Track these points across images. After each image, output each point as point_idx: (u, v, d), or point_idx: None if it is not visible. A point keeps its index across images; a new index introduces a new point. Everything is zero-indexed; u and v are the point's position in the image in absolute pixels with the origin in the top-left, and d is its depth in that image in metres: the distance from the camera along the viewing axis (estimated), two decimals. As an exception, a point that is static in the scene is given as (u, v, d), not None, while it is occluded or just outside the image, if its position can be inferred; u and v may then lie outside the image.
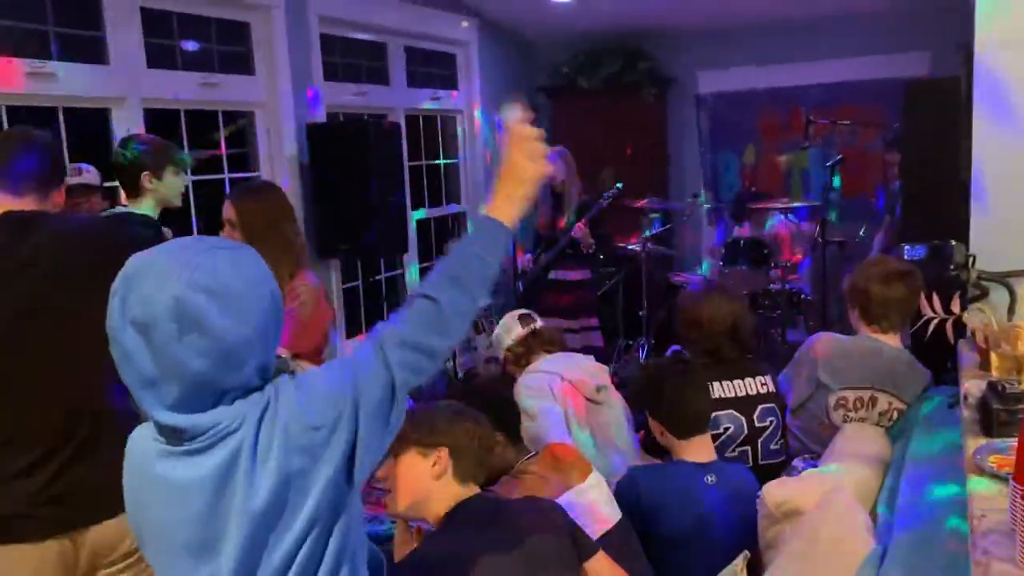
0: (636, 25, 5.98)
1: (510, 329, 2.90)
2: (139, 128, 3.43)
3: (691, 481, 2.32)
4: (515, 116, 1.45)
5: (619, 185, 4.93)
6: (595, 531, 2.05)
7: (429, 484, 1.83)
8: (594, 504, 2.14)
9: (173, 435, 1.22)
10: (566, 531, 1.87)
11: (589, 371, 2.78)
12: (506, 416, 2.31)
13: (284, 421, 1.22)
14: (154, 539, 1.30)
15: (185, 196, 3.04)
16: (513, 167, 1.41)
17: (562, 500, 2.06)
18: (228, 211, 2.78)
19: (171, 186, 2.85)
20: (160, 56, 3.64)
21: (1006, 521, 1.38)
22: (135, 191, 2.80)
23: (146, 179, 2.77)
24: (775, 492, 2.14)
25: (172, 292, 1.15)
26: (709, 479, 2.31)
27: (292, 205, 2.92)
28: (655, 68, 6.18)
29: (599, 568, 1.89)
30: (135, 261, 1.21)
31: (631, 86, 6.10)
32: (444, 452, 1.83)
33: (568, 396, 2.66)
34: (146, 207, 2.81)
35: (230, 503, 1.21)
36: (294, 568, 1.25)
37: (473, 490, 1.89)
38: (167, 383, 1.18)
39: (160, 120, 3.64)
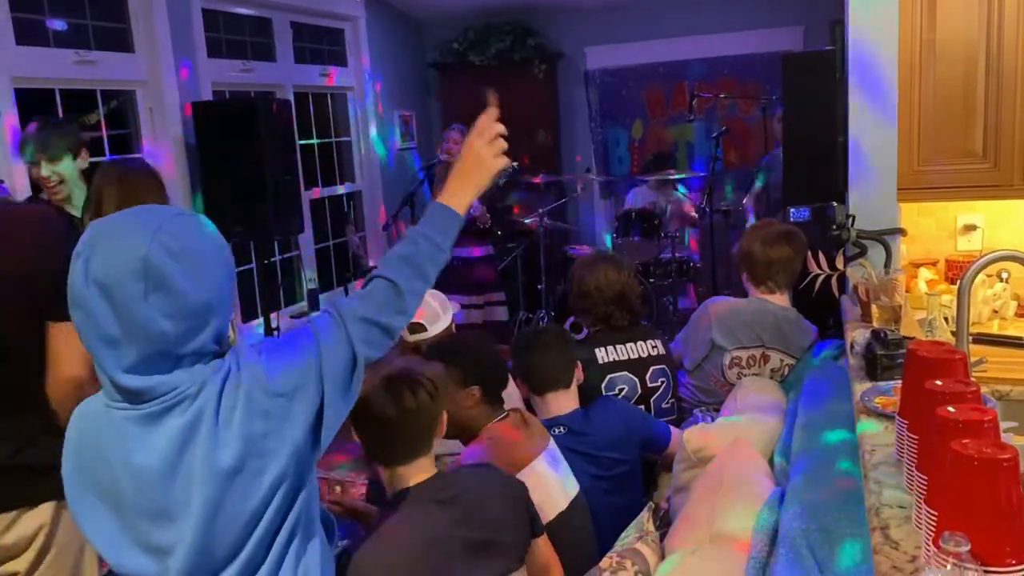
0: (524, 1, 6.02)
1: (438, 317, 2.60)
2: (10, 109, 3.23)
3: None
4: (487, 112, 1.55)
5: (515, 164, 4.97)
6: (560, 500, 2.11)
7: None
8: (556, 476, 2.17)
9: (133, 396, 1.22)
10: (524, 510, 1.89)
11: None
12: (490, 372, 2.20)
13: (247, 387, 1.24)
14: (103, 505, 1.26)
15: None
16: (475, 157, 1.55)
17: (530, 468, 2.08)
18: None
19: None
20: (30, 32, 3.43)
21: (892, 454, 1.51)
22: None
23: None
24: (695, 439, 2.23)
25: (138, 253, 1.17)
26: (558, 431, 2.37)
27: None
28: (544, 44, 6.23)
29: (538, 550, 1.93)
30: (99, 224, 1.22)
31: (521, 62, 6.13)
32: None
33: None
34: None
35: (192, 467, 1.21)
36: (257, 531, 1.26)
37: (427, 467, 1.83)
38: (129, 343, 1.19)
39: (34, 100, 3.44)
